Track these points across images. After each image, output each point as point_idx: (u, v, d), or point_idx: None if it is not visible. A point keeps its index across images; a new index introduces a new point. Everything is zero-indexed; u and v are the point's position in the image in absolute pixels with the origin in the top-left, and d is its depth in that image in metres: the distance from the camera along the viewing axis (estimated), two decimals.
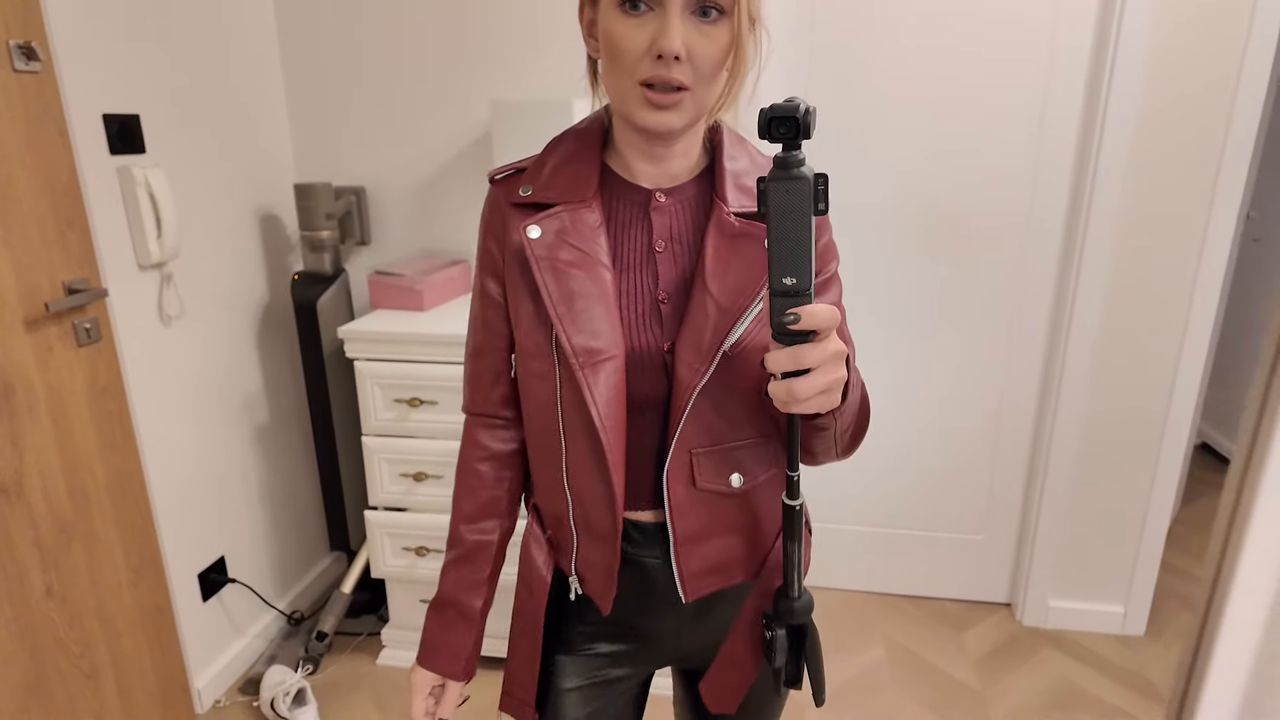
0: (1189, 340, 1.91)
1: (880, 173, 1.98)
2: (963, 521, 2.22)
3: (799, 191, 0.61)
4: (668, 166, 0.78)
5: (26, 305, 1.37)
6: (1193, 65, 1.75)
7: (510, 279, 0.80)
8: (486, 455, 0.88)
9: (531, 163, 0.81)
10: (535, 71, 1.96)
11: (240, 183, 1.93)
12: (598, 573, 0.81)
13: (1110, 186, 1.84)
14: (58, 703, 1.47)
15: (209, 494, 1.87)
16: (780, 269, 0.62)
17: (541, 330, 0.77)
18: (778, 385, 0.64)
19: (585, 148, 0.79)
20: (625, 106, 0.72)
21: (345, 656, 2.04)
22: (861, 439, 0.80)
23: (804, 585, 0.75)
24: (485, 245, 0.83)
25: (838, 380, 0.64)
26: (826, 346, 0.63)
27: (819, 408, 0.65)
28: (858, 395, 0.75)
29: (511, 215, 0.79)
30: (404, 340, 1.75)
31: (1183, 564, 2.46)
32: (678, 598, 0.82)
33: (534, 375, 0.79)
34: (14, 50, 1.32)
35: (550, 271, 0.74)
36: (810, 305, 0.62)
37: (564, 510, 0.82)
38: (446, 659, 0.87)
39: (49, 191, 1.41)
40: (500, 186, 0.81)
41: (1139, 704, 1.88)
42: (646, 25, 0.67)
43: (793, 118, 0.60)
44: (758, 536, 0.83)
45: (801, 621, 0.75)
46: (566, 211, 0.76)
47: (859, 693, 1.93)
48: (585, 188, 0.77)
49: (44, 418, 1.42)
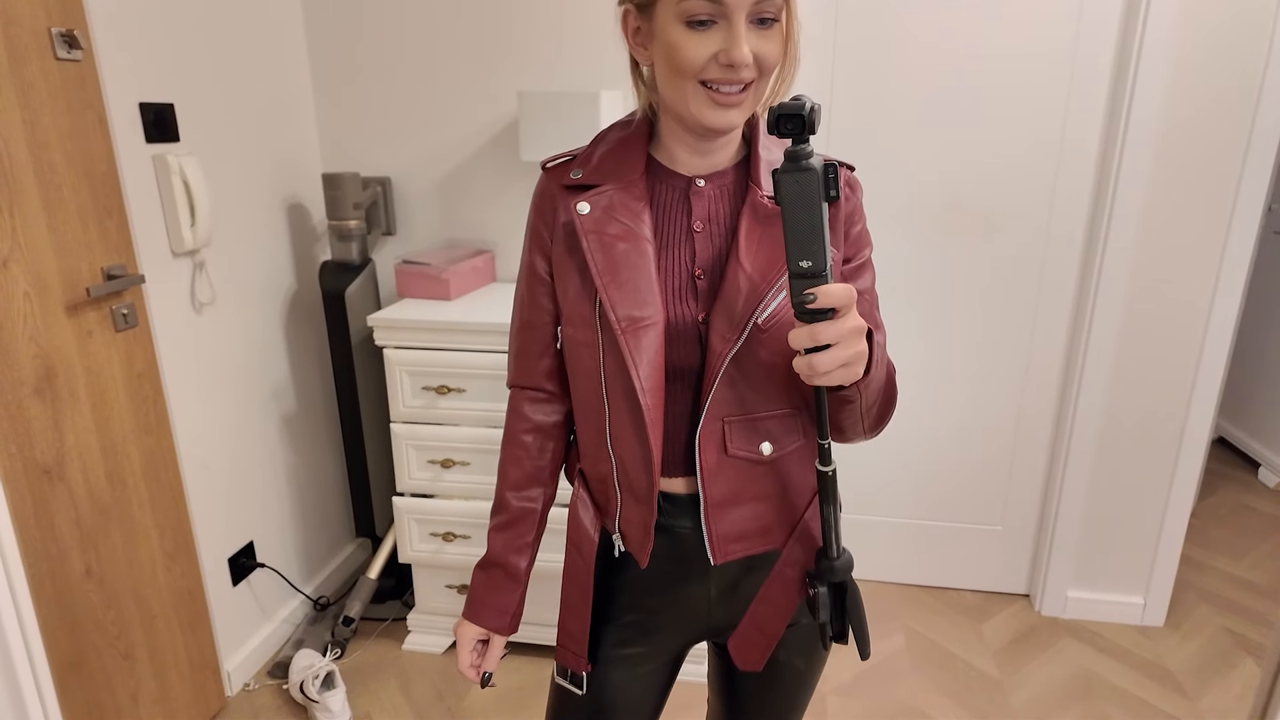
0: (1211, 335, 1.91)
1: (903, 170, 1.98)
2: (982, 513, 2.24)
3: (808, 181, 0.66)
4: (711, 158, 0.83)
5: (68, 291, 1.40)
6: (1218, 61, 1.76)
7: (557, 255, 0.85)
8: (531, 427, 0.93)
9: (582, 151, 0.87)
10: (562, 63, 1.97)
11: (269, 172, 1.95)
12: (636, 529, 0.86)
13: (1134, 182, 1.84)
14: (96, 682, 1.50)
15: (239, 479, 1.89)
16: (796, 253, 0.67)
17: (587, 301, 0.82)
18: (800, 360, 0.69)
19: (632, 138, 0.85)
20: (687, 106, 0.76)
21: (371, 641, 2.07)
22: (889, 416, 0.85)
23: (843, 545, 0.80)
24: (535, 227, 0.88)
25: (857, 355, 0.69)
26: (844, 323, 0.67)
27: (840, 380, 0.69)
28: (883, 372, 0.79)
29: (561, 198, 0.85)
30: (432, 328, 1.77)
31: (1199, 556, 2.47)
32: (709, 565, 0.87)
33: (579, 344, 0.84)
34: (56, 38, 1.34)
35: (597, 244, 0.80)
36: (826, 285, 0.67)
37: (608, 471, 0.86)
38: (493, 614, 0.93)
39: (88, 179, 1.43)
40: (551, 173, 0.87)
41: (1159, 694, 1.89)
42: (712, 37, 0.72)
43: (799, 115, 0.65)
44: (786, 505, 0.86)
45: (842, 579, 0.80)
46: (614, 190, 0.81)
47: (880, 681, 1.95)
48: (632, 171, 0.82)
49: (84, 401, 1.44)
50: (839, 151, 1.99)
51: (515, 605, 0.94)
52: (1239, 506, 2.79)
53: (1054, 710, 1.84)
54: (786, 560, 0.86)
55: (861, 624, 0.81)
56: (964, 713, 1.84)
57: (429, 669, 1.97)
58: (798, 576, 0.86)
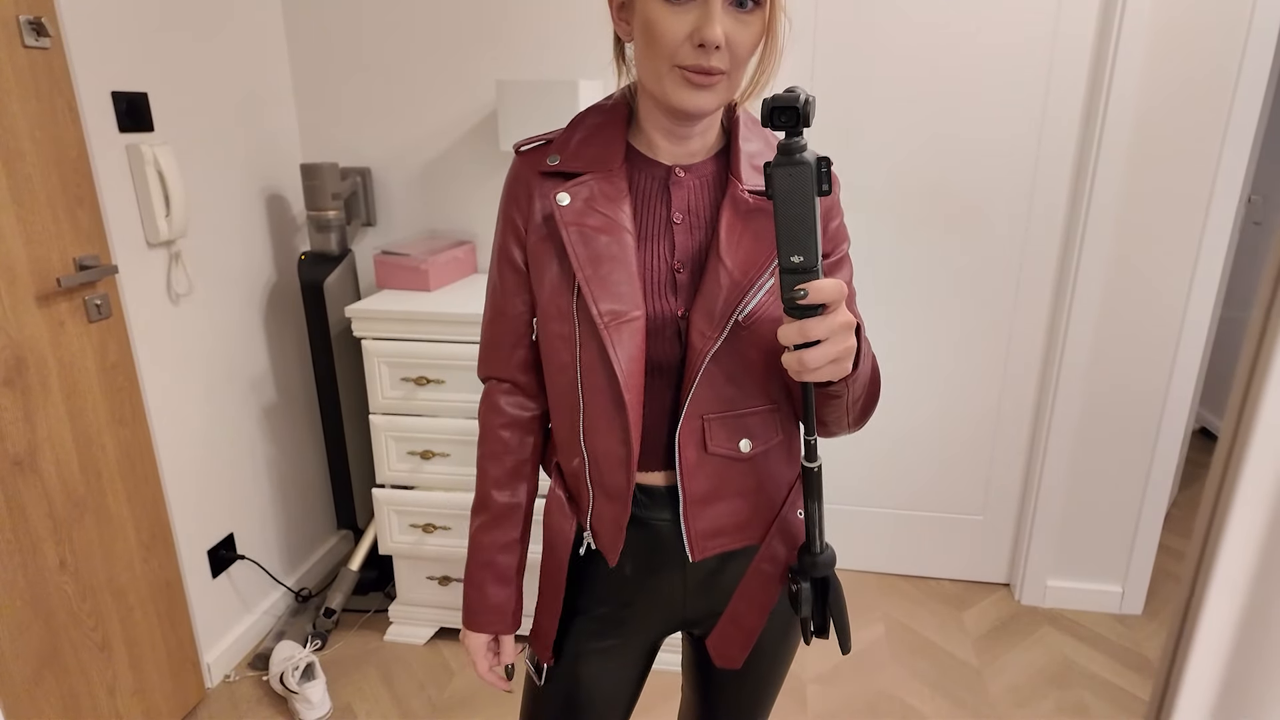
0: (1189, 323, 1.92)
1: (882, 154, 1.98)
2: (962, 502, 2.25)
3: (801, 175, 0.64)
4: (688, 145, 0.81)
5: (38, 280, 1.38)
6: (1196, 46, 1.76)
7: (533, 245, 0.82)
8: (507, 421, 0.91)
9: (558, 135, 0.84)
10: (541, 52, 1.96)
11: (246, 162, 1.93)
12: (608, 526, 0.85)
13: (1112, 168, 1.85)
14: (71, 674, 1.49)
15: (218, 471, 1.89)
16: (788, 248, 0.66)
17: (564, 294, 0.80)
18: (790, 356, 0.68)
19: (611, 122, 0.82)
20: (661, 86, 0.74)
21: (353, 633, 2.07)
22: (872, 410, 0.84)
23: (826, 541, 0.79)
24: (508, 213, 0.85)
25: (847, 350, 0.68)
26: (834, 319, 0.66)
27: (830, 376, 0.69)
28: (868, 366, 0.79)
29: (536, 184, 0.82)
30: (411, 319, 1.76)
31: (1180, 546, 2.48)
32: (685, 558, 0.86)
33: (555, 337, 0.82)
34: (24, 25, 1.33)
35: (578, 236, 0.77)
36: (817, 280, 0.66)
37: (580, 467, 0.85)
38: (493, 618, 0.92)
39: (59, 168, 1.42)
40: (526, 157, 0.84)
41: (1136, 681, 1.91)
42: (688, 14, 0.70)
43: (793, 107, 0.64)
44: (764, 501, 0.86)
45: (824, 574, 0.79)
46: (595, 180, 0.79)
47: (860, 670, 1.96)
48: (611, 159, 0.80)
49: (56, 392, 1.43)
50: (818, 137, 1.99)
51: (513, 605, 0.93)
52: None
53: (1032, 698, 1.86)
54: (764, 556, 0.86)
55: (843, 619, 0.81)
56: (943, 701, 1.85)
57: (410, 660, 1.97)
58: (777, 572, 0.86)
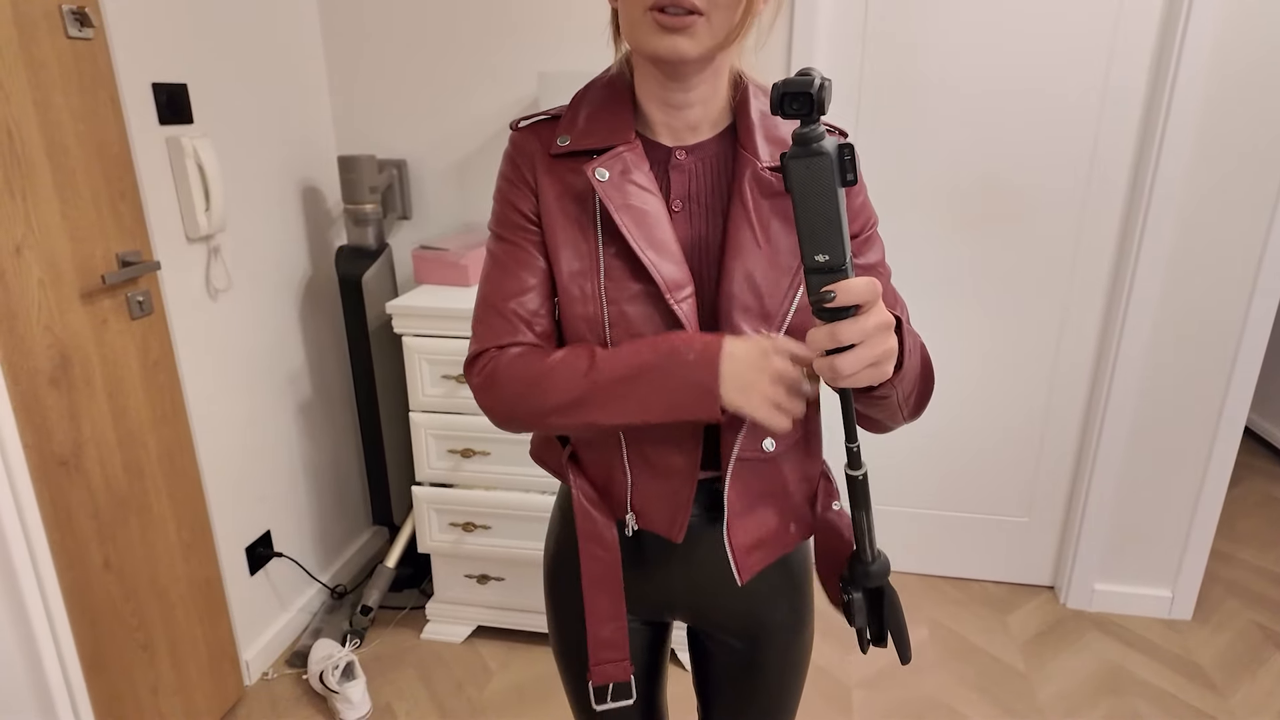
0: (1250, 325, 1.86)
1: (934, 148, 1.92)
2: (1008, 504, 2.20)
3: (821, 167, 0.59)
4: (686, 116, 0.75)
5: (83, 277, 1.36)
6: (1265, 35, 1.69)
7: (553, 222, 0.76)
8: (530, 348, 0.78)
9: (562, 114, 0.78)
10: (581, 42, 1.92)
11: (283, 154, 1.90)
12: (663, 504, 0.80)
13: (1175, 164, 1.78)
14: (116, 675, 1.48)
15: (255, 468, 1.87)
16: (812, 247, 0.61)
17: (590, 276, 0.75)
18: (821, 362, 0.63)
19: (615, 95, 0.77)
20: (636, 35, 0.68)
21: (389, 631, 2.05)
22: (929, 399, 0.79)
23: (878, 549, 0.75)
24: (512, 181, 0.78)
25: (886, 353, 0.63)
26: (868, 320, 0.61)
27: (869, 381, 0.63)
28: (917, 359, 0.73)
29: (543, 163, 0.77)
30: (452, 316, 1.73)
31: (1225, 548, 2.43)
32: (701, 554, 0.84)
33: (578, 319, 0.76)
34: (68, 16, 1.29)
35: (627, 212, 0.73)
36: (847, 280, 0.60)
37: (615, 453, 0.80)
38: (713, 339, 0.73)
39: (101, 162, 1.39)
40: (527, 134, 0.78)
41: (1189, 689, 1.86)
42: None
43: (806, 93, 0.57)
44: (789, 505, 0.83)
45: (878, 584, 0.75)
46: (627, 151, 0.74)
47: (904, 673, 1.92)
48: (626, 130, 0.75)
49: (100, 391, 1.41)
50: (865, 133, 1.94)
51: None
52: (1265, 498, 2.74)
53: (1084, 705, 1.81)
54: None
55: (901, 628, 0.77)
56: (991, 707, 1.81)
57: (448, 659, 1.95)
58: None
